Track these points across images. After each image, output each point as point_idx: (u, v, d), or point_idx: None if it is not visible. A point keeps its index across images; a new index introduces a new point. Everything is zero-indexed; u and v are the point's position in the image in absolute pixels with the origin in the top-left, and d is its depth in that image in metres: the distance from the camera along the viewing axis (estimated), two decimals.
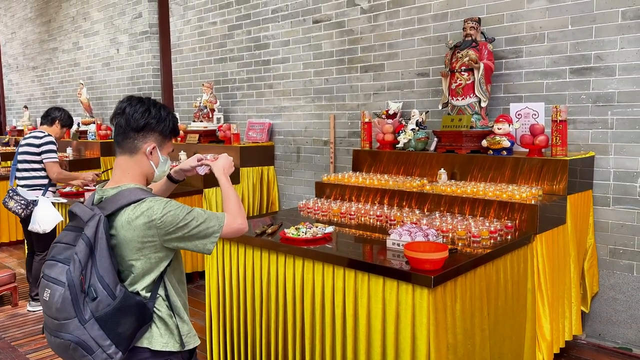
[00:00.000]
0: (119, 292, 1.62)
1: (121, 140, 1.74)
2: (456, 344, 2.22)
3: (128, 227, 1.64)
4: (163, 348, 1.73)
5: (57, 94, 8.77)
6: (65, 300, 1.56)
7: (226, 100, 5.85)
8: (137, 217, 1.64)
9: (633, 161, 3.21)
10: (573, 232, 3.11)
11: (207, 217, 1.73)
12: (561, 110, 3.11)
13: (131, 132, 1.72)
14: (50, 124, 4.35)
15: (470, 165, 3.39)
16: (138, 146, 1.74)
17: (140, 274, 1.68)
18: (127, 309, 1.63)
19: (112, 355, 1.62)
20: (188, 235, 1.69)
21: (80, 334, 1.58)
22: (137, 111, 1.72)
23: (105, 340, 1.60)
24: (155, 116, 1.74)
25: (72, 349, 1.58)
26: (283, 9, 5.13)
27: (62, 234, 1.69)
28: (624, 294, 3.31)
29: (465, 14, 3.81)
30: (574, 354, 3.29)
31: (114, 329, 1.60)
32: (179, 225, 1.66)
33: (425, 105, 4.11)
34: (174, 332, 1.75)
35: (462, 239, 2.62)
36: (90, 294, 1.58)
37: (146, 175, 1.80)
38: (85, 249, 1.59)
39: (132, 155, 1.74)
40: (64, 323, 1.58)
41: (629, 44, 3.17)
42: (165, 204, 1.68)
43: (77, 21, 8.05)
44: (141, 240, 1.64)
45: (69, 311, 1.57)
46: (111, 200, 1.69)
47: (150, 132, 1.74)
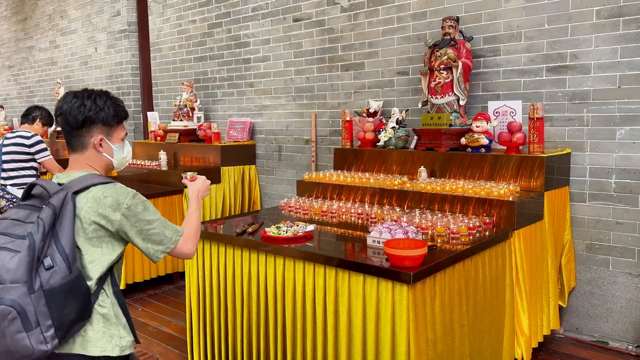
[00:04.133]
0: (75, 269, 1.54)
1: (68, 139, 1.72)
2: (436, 340, 2.24)
3: (93, 203, 1.59)
4: (101, 353, 1.62)
5: (34, 94, 8.61)
6: (22, 262, 1.45)
7: (206, 99, 5.81)
8: (105, 196, 1.60)
9: (608, 158, 3.27)
10: (550, 228, 3.16)
11: (168, 227, 1.72)
12: (538, 108, 3.15)
13: (74, 130, 1.69)
14: (31, 123, 4.34)
15: (450, 163, 3.42)
16: (86, 142, 1.71)
17: (87, 261, 1.61)
18: (77, 290, 1.54)
19: (48, 339, 1.49)
20: (146, 234, 1.66)
21: (25, 304, 1.45)
22: (73, 107, 1.67)
23: (47, 320, 1.48)
24: (90, 108, 1.69)
25: (10, 319, 1.44)
26: (263, 7, 5.11)
27: (12, 211, 1.61)
28: (600, 288, 3.37)
29: (444, 13, 3.84)
30: (552, 348, 3.34)
31: (59, 308, 1.50)
32: (144, 219, 1.65)
33: (405, 103, 4.14)
34: (115, 334, 1.66)
35: (441, 235, 2.64)
36: (47, 263, 1.49)
37: (104, 167, 1.77)
38: (51, 216, 1.52)
39: (83, 152, 1.72)
40: (9, 287, 1.45)
41: (603, 42, 3.22)
42: (135, 193, 1.66)
43: (54, 19, 7.91)
44: (100, 222, 1.60)
45: (20, 274, 1.45)
46: (77, 180, 1.64)
47: (93, 125, 1.70)
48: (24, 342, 1.45)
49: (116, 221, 1.61)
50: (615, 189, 3.26)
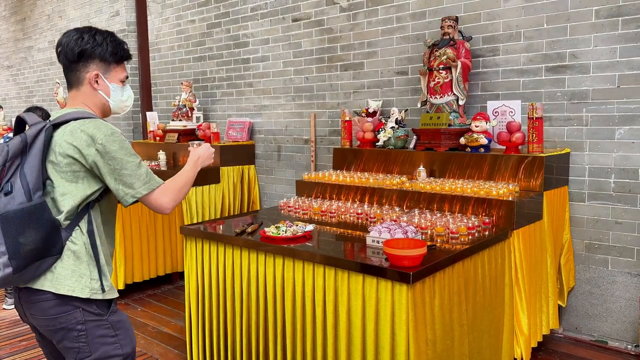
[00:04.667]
0: (37, 198, 1.51)
1: (66, 74, 1.71)
2: (435, 340, 2.24)
3: (69, 136, 1.58)
4: (69, 292, 1.59)
5: (32, 94, 8.60)
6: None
7: (205, 99, 5.81)
8: (82, 130, 1.59)
9: (607, 157, 3.27)
10: (549, 228, 3.16)
11: (144, 173, 1.66)
12: (537, 107, 3.16)
13: (72, 64, 1.68)
14: None
15: (449, 163, 3.42)
16: (82, 77, 1.69)
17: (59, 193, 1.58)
18: (37, 219, 1.50)
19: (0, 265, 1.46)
20: (119, 174, 1.61)
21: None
22: (71, 41, 1.66)
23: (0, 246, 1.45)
24: (88, 41, 1.67)
25: None
26: (262, 7, 5.11)
27: None
28: (599, 287, 3.37)
29: (443, 13, 3.84)
30: (551, 347, 3.34)
31: (14, 235, 1.46)
32: (118, 157, 1.60)
33: (405, 103, 4.14)
34: (85, 274, 1.61)
35: (440, 235, 2.64)
36: (6, 188, 1.48)
37: (99, 107, 1.74)
38: (19, 145, 1.52)
39: (79, 87, 1.70)
40: None
41: (603, 42, 3.23)
42: (114, 131, 1.63)
43: (53, 19, 7.90)
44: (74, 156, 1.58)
45: None
46: (62, 116, 1.64)
47: (90, 60, 1.68)
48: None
49: (90, 156, 1.58)
50: (614, 188, 3.26)
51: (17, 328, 3.82)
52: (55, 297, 1.58)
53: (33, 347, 3.48)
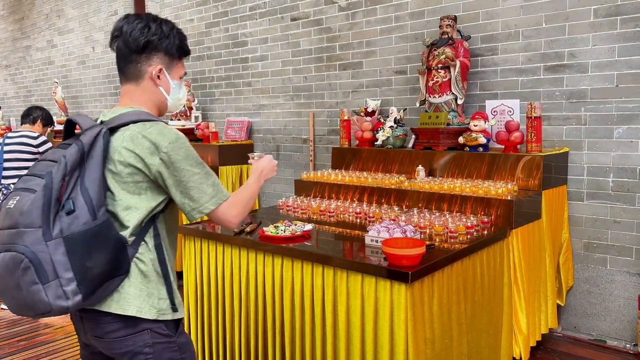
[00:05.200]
0: (101, 215, 1.35)
1: (123, 65, 1.53)
2: (434, 339, 2.24)
3: (130, 143, 1.40)
4: (136, 313, 1.43)
5: (31, 93, 8.59)
6: (35, 203, 1.27)
7: (204, 99, 5.80)
8: (144, 136, 1.41)
9: (606, 156, 3.27)
10: (548, 227, 3.16)
11: (212, 184, 1.49)
12: (536, 106, 3.16)
13: (133, 55, 1.50)
14: (31, 124, 4.36)
15: (448, 162, 3.42)
16: (143, 70, 1.52)
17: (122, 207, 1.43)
18: (104, 239, 1.34)
19: (68, 294, 1.29)
20: (185, 186, 1.45)
21: (39, 251, 1.26)
22: (135, 29, 1.49)
23: (67, 272, 1.28)
24: (156, 32, 1.50)
25: (23, 268, 1.26)
26: (261, 7, 5.11)
27: (50, 152, 1.44)
28: (598, 286, 3.38)
29: (441, 12, 3.84)
30: (550, 346, 3.34)
31: (82, 259, 1.30)
32: (184, 168, 1.44)
33: (403, 102, 4.13)
34: (153, 294, 1.46)
35: (439, 234, 2.64)
36: (67, 206, 1.30)
37: (157, 104, 1.58)
38: (77, 154, 1.34)
39: (138, 81, 1.53)
40: (23, 231, 1.27)
41: (601, 41, 3.23)
42: (179, 136, 1.46)
43: (51, 19, 7.89)
44: (137, 166, 1.42)
45: (34, 217, 1.27)
46: (118, 117, 1.46)
47: (154, 52, 1.51)
48: (40, 296, 1.27)
49: (153, 166, 1.42)
50: (612, 187, 3.26)
51: (15, 328, 3.81)
52: (122, 319, 1.44)
53: (32, 347, 3.47)
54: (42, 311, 1.30)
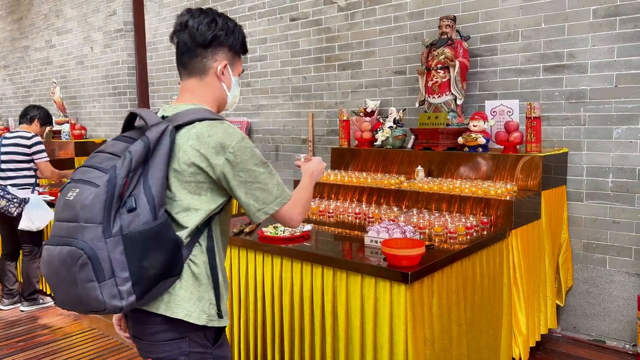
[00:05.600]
0: (161, 215, 1.31)
1: (187, 60, 1.49)
2: (433, 339, 2.23)
3: (195, 141, 1.37)
4: (185, 317, 1.39)
5: (29, 93, 8.58)
6: (98, 198, 1.23)
7: None
8: (209, 135, 1.38)
9: (605, 157, 3.27)
10: (547, 227, 3.16)
11: (276, 183, 1.46)
12: (535, 107, 3.15)
13: (198, 49, 1.48)
14: (29, 123, 4.33)
15: (447, 162, 3.42)
16: (208, 65, 1.50)
17: (181, 208, 1.39)
18: (162, 240, 1.31)
19: (123, 294, 1.26)
20: (250, 187, 1.42)
21: (98, 248, 1.23)
22: (202, 23, 1.46)
23: (123, 271, 1.25)
24: (222, 27, 1.49)
25: (80, 264, 1.23)
26: (260, 7, 5.10)
27: (109, 144, 1.41)
28: (597, 287, 3.38)
29: (441, 12, 3.84)
30: (549, 347, 3.34)
31: (139, 259, 1.27)
32: (250, 169, 1.41)
33: (403, 103, 4.13)
34: (204, 297, 1.42)
35: (439, 235, 2.64)
36: (129, 204, 1.27)
37: (218, 101, 1.55)
38: (142, 150, 1.31)
39: (202, 76, 1.50)
40: (83, 226, 1.23)
41: (600, 41, 3.23)
42: (244, 136, 1.42)
43: (50, 19, 7.88)
44: (200, 165, 1.38)
45: (96, 213, 1.23)
46: (182, 113, 1.43)
47: (220, 47, 1.50)
48: (95, 294, 1.24)
49: (218, 166, 1.38)
50: (612, 188, 3.26)
51: (14, 329, 3.80)
52: (167, 321, 1.40)
53: (30, 347, 3.47)
54: (95, 309, 1.28)
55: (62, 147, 6.67)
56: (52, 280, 1.31)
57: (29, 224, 3.92)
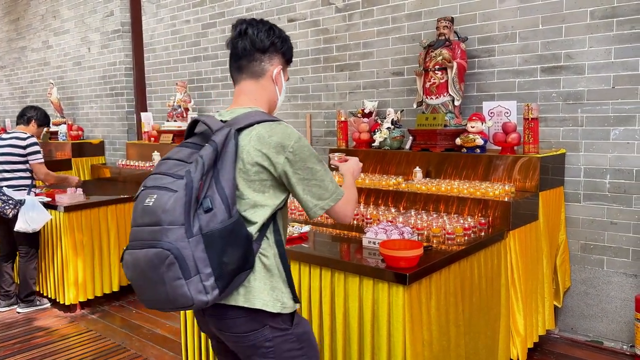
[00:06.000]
0: (235, 213, 1.42)
1: (246, 63, 1.61)
2: (431, 340, 2.23)
3: (257, 142, 1.48)
4: (262, 306, 1.49)
5: (26, 94, 8.55)
6: (178, 202, 1.34)
7: (200, 100, 5.79)
8: (270, 136, 1.49)
9: (602, 158, 3.28)
10: (545, 228, 3.16)
11: (331, 180, 1.58)
12: (533, 108, 3.16)
13: (257, 54, 1.60)
14: (26, 124, 4.32)
15: (445, 163, 3.42)
16: (265, 69, 1.62)
17: (249, 205, 1.50)
18: (237, 236, 1.41)
19: (208, 288, 1.37)
20: (308, 184, 1.53)
21: (183, 247, 1.33)
22: (261, 30, 1.60)
23: (206, 268, 1.35)
24: (279, 35, 1.63)
25: (168, 264, 1.33)
26: (257, 7, 5.10)
27: (175, 150, 1.52)
28: (595, 288, 3.38)
29: (438, 14, 3.84)
30: (547, 348, 3.34)
31: (219, 255, 1.37)
32: (308, 167, 1.52)
33: (401, 104, 4.13)
34: (276, 287, 1.53)
35: (437, 236, 2.64)
36: (206, 205, 1.37)
37: (270, 103, 1.67)
38: (212, 154, 1.41)
39: (259, 79, 1.63)
40: (167, 228, 1.33)
41: (597, 43, 3.23)
42: (300, 136, 1.54)
43: (47, 19, 7.86)
44: (263, 164, 1.49)
45: (178, 215, 1.33)
46: (241, 117, 1.53)
47: (275, 54, 1.63)
48: (183, 291, 1.35)
49: (279, 165, 1.49)
50: (609, 189, 3.27)
51: (11, 330, 3.79)
52: (246, 312, 1.51)
53: (27, 349, 3.45)
54: (182, 305, 1.37)
55: (59, 148, 6.66)
56: (139, 282, 1.41)
57: (25, 225, 3.90)
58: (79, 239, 4.04)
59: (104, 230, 4.19)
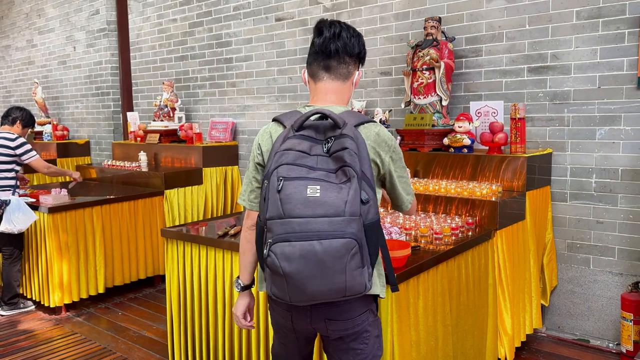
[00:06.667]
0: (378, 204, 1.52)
1: (335, 65, 1.67)
2: (419, 341, 2.23)
3: (371, 140, 1.57)
4: (379, 293, 1.63)
5: (10, 94, 8.43)
6: (356, 193, 1.39)
7: (187, 99, 5.74)
8: (378, 134, 1.59)
9: (588, 157, 3.30)
10: (532, 228, 3.17)
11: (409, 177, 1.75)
12: (519, 108, 3.17)
13: (346, 57, 1.67)
14: (11, 124, 4.27)
15: (433, 163, 3.42)
16: (351, 72, 1.71)
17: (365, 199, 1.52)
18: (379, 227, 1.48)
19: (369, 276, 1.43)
20: (402, 180, 1.67)
21: (361, 237, 1.39)
22: (354, 36, 1.68)
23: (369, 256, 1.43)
24: (364, 45, 1.73)
25: (353, 254, 1.37)
26: (245, 6, 5.07)
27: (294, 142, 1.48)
28: (581, 287, 3.40)
29: (426, 13, 3.84)
30: (534, 347, 3.36)
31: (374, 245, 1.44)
32: (402, 166, 1.66)
33: (389, 103, 4.13)
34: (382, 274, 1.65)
35: (424, 236, 2.63)
36: (364, 197, 1.41)
37: (347, 103, 1.76)
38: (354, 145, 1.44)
39: (345, 81, 1.70)
40: (351, 219, 1.37)
41: (583, 43, 3.25)
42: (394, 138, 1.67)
43: (31, 18, 7.76)
44: (375, 160, 1.59)
45: (356, 207, 1.38)
46: (345, 114, 1.59)
47: (358, 60, 1.73)
48: (361, 278, 1.40)
49: (386, 162, 1.61)
50: (595, 188, 3.29)
51: None
52: (362, 299, 1.58)
53: (11, 353, 3.39)
54: (356, 292, 1.43)
55: (44, 148, 6.57)
56: (309, 273, 1.38)
57: (10, 226, 3.84)
58: (63, 240, 3.99)
59: (89, 231, 4.14)
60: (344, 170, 1.42)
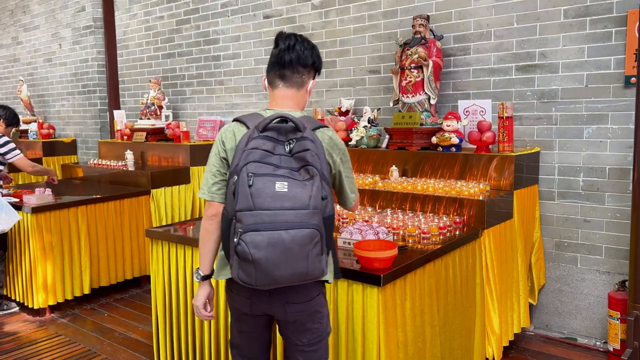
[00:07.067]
0: None
1: (290, 74, 1.81)
2: (406, 342, 2.21)
3: (329, 141, 1.78)
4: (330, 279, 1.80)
5: None
6: (319, 189, 1.58)
7: (175, 97, 5.68)
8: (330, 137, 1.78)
9: (576, 156, 3.30)
10: (520, 227, 3.17)
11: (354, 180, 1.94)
12: (507, 107, 3.16)
13: (301, 68, 1.81)
14: None
15: (421, 162, 3.41)
16: (305, 81, 1.85)
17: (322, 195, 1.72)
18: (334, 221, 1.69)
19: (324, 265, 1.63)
20: (347, 180, 1.87)
21: (322, 228, 1.59)
22: (307, 48, 1.82)
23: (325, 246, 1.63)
24: (318, 56, 1.87)
25: (315, 242, 1.56)
26: (233, 4, 5.02)
27: (258, 142, 1.63)
28: (569, 285, 3.41)
29: (414, 12, 3.82)
30: (522, 345, 3.36)
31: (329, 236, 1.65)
32: (349, 166, 1.87)
33: (377, 102, 4.11)
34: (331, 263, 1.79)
35: (412, 235, 2.62)
36: (323, 193, 1.61)
37: (303, 108, 1.91)
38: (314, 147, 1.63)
39: (299, 89, 1.85)
40: (314, 212, 1.56)
41: (571, 41, 3.25)
42: None
43: (16, 14, 7.64)
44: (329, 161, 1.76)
45: (319, 201, 1.57)
46: (303, 119, 1.73)
47: (312, 70, 1.86)
48: (321, 265, 1.61)
49: (337, 163, 1.81)
50: (582, 187, 3.29)
51: None
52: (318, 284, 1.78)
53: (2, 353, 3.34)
54: (315, 277, 1.63)
55: (29, 147, 6.47)
56: (276, 259, 1.54)
57: None
58: (47, 241, 3.92)
59: (74, 231, 4.08)
60: (307, 169, 1.60)
